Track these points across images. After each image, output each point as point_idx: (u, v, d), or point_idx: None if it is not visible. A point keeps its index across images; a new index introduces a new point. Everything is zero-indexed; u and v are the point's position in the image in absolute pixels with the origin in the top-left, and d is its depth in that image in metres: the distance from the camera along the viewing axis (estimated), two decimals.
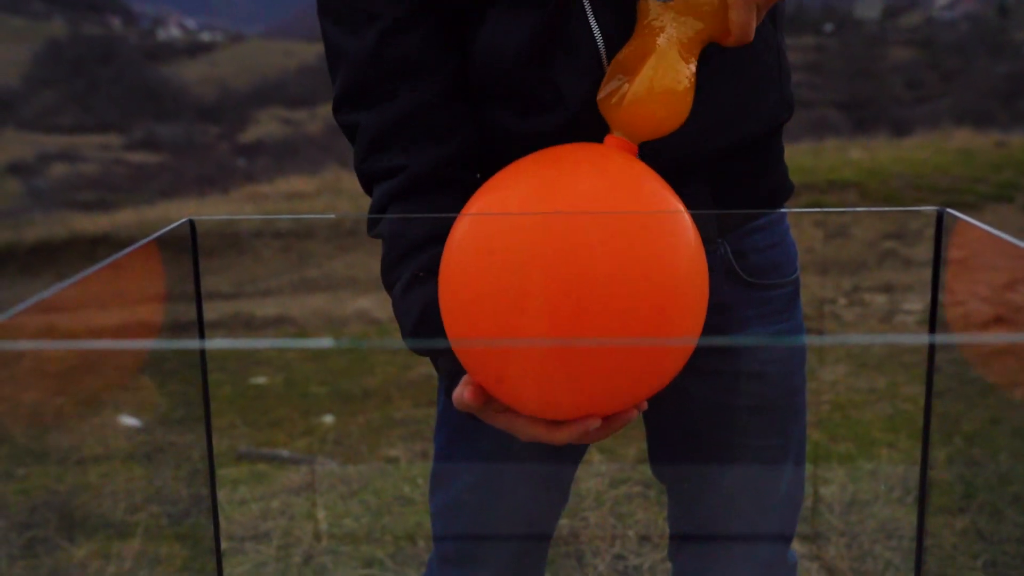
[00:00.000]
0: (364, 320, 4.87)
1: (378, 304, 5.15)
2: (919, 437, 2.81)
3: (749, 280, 0.95)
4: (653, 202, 0.73)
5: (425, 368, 3.40)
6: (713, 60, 0.83)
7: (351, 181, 9.46)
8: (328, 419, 3.00)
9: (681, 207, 0.74)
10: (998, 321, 3.95)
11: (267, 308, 5.22)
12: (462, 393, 0.74)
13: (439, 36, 0.87)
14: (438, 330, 0.76)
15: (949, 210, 0.65)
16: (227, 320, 4.85)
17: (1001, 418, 2.72)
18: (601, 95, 0.81)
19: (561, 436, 0.72)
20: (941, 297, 0.92)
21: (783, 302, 0.98)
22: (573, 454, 1.05)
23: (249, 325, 4.71)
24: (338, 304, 5.37)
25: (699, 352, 0.78)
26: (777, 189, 0.97)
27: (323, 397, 3.23)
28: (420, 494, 2.33)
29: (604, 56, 0.84)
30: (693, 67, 0.79)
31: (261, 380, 3.37)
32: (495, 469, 0.95)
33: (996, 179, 6.83)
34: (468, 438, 1.00)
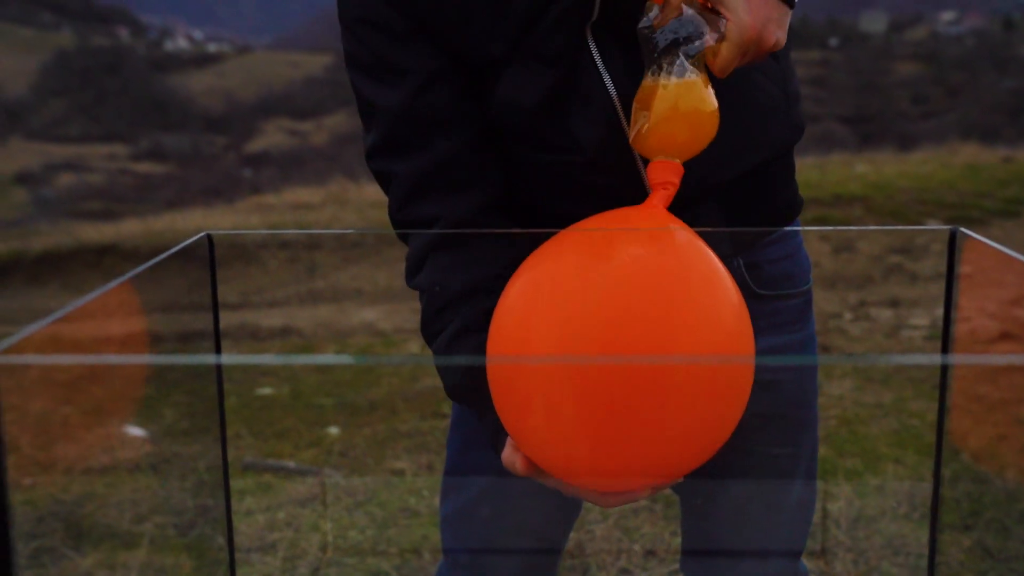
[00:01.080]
0: (370, 332, 4.87)
1: (384, 315, 5.17)
2: (926, 453, 2.82)
3: (760, 292, 0.96)
4: (697, 272, 0.75)
5: (431, 380, 3.41)
6: (719, 96, 0.84)
7: (357, 192, 9.48)
8: (334, 431, 3.00)
9: (728, 281, 0.76)
10: (1005, 337, 3.94)
11: (273, 319, 5.23)
12: (513, 463, 0.78)
13: (467, 88, 0.90)
14: (483, 386, 0.78)
15: (963, 229, 0.65)
16: (233, 331, 4.86)
17: (1008, 435, 2.72)
18: (631, 136, 0.82)
19: (611, 502, 0.78)
20: (953, 314, 0.92)
21: (794, 313, 0.99)
22: None
23: (255, 336, 4.72)
24: (344, 315, 5.38)
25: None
26: (788, 205, 0.99)
27: (329, 409, 3.23)
28: (426, 506, 2.33)
29: (618, 103, 0.86)
30: (707, 83, 0.80)
31: (267, 391, 3.37)
32: (507, 479, 0.95)
33: (1002, 194, 6.83)
34: (480, 449, 1.00)
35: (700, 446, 0.75)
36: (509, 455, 0.78)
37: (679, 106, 0.78)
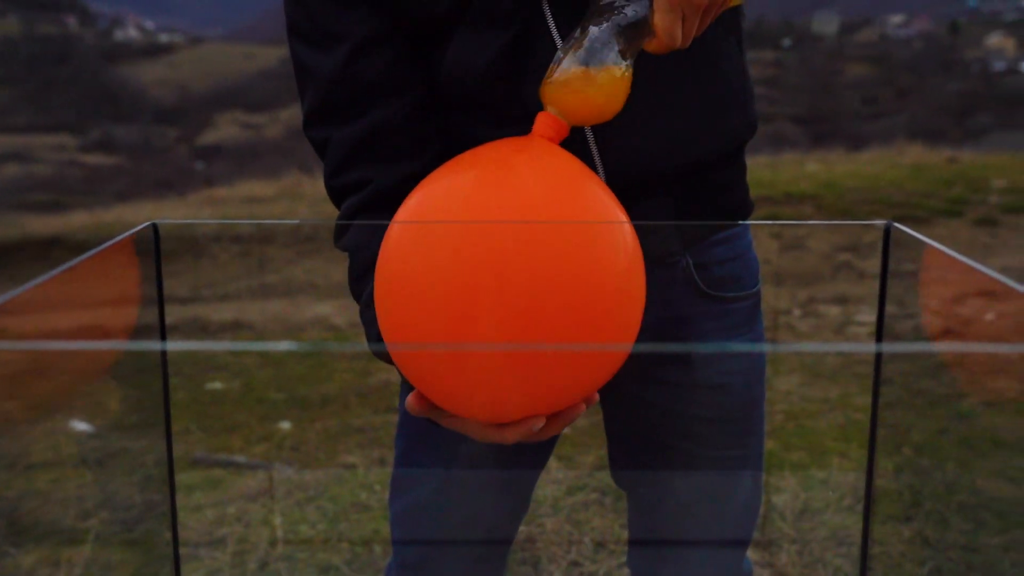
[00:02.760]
0: (323, 326, 4.84)
1: (337, 310, 5.13)
2: (866, 445, 2.87)
3: (710, 293, 0.97)
4: (591, 203, 0.74)
5: (384, 375, 3.40)
6: (678, 78, 0.85)
7: (311, 186, 9.40)
8: (285, 425, 2.98)
9: (620, 212, 0.75)
10: (947, 334, 4.03)
11: (224, 313, 5.17)
12: (410, 403, 0.75)
13: (407, 55, 0.89)
14: None
15: (896, 224, 0.67)
16: (183, 325, 4.80)
17: (948, 428, 2.78)
18: (546, 78, 0.81)
19: (509, 436, 0.73)
20: (890, 308, 0.95)
21: (744, 315, 1.00)
22: (534, 459, 1.06)
23: (206, 330, 4.67)
24: (296, 310, 5.34)
25: (660, 363, 0.80)
26: (739, 206, 1.00)
27: (280, 403, 3.21)
28: (377, 501, 2.33)
29: None
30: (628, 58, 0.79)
31: (217, 385, 3.34)
32: (455, 475, 0.96)
33: (947, 194, 6.97)
34: (428, 444, 1.01)
35: (592, 369, 0.74)
36: (409, 397, 0.76)
37: (591, 88, 0.78)
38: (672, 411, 0.98)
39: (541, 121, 0.80)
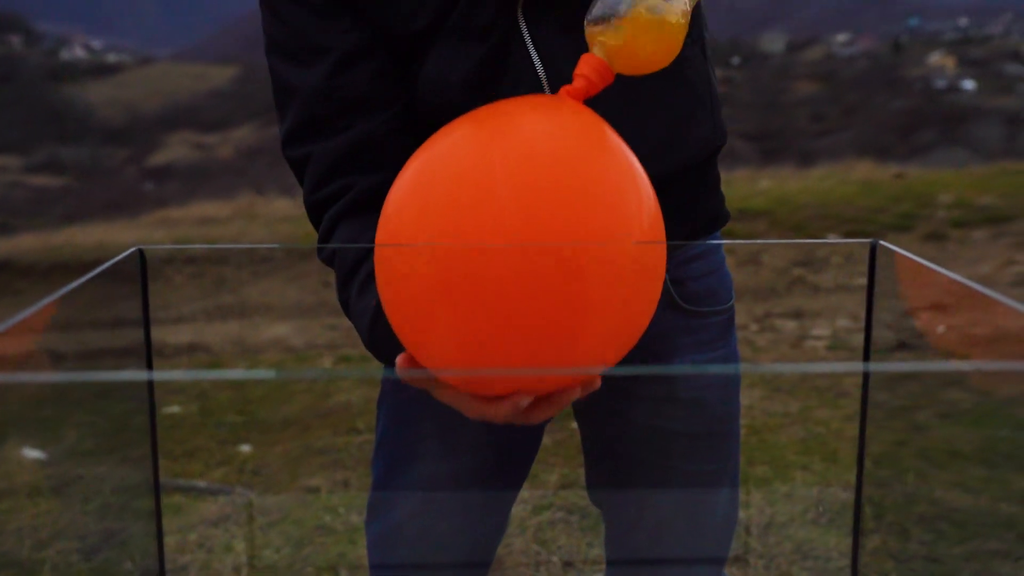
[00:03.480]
0: (280, 348, 4.80)
1: (295, 331, 5.08)
2: (832, 459, 2.90)
3: (686, 307, 0.97)
4: (606, 154, 0.71)
5: (344, 396, 3.37)
6: (647, 87, 0.86)
7: (265, 206, 9.33)
8: (245, 448, 2.94)
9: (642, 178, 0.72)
10: (901, 347, 4.09)
11: (180, 335, 5.10)
12: (399, 366, 0.73)
13: (389, 70, 0.89)
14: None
15: (882, 242, 0.68)
16: (137, 348, 4.72)
17: (905, 440, 2.82)
18: (591, 15, 0.77)
19: (497, 412, 0.71)
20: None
21: (719, 330, 1.00)
22: (513, 478, 1.05)
23: (161, 353, 4.60)
24: (253, 331, 5.29)
25: (638, 378, 0.80)
26: (715, 216, 1.00)
27: (239, 426, 3.17)
28: (342, 523, 2.31)
29: (546, 83, 0.86)
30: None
31: (175, 409, 3.28)
32: (434, 496, 0.95)
33: (896, 210, 7.10)
34: (408, 466, 1.00)
35: (587, 349, 0.70)
36: (398, 360, 0.74)
37: (664, 29, 0.75)
38: (651, 426, 0.98)
39: (587, 63, 0.76)
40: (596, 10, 0.77)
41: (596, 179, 0.69)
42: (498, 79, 0.87)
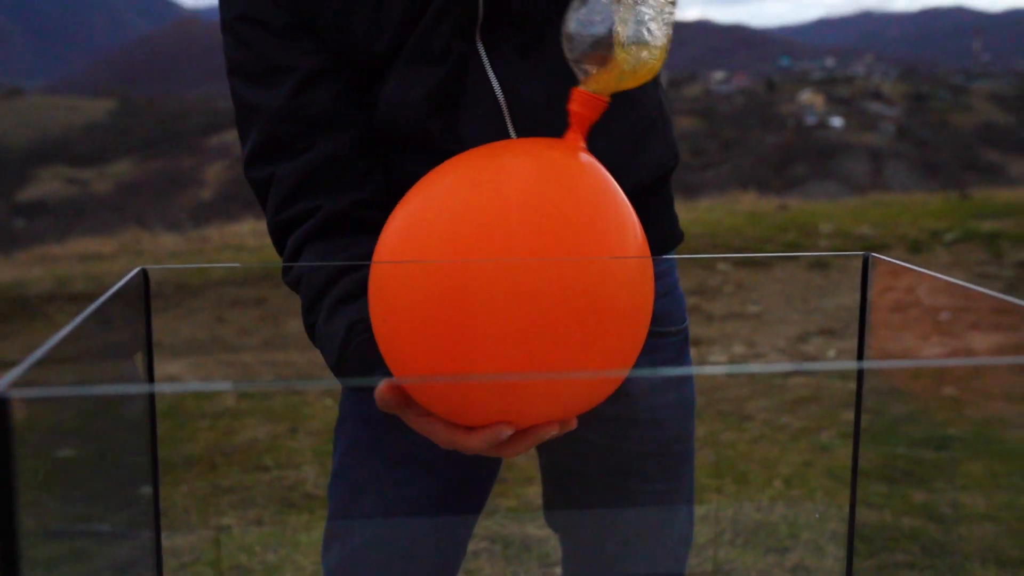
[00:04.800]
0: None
1: (190, 368, 4.93)
2: (742, 481, 2.95)
3: None
4: (596, 205, 0.71)
5: (250, 432, 3.28)
6: None
7: (152, 241, 9.06)
8: (148, 490, 2.83)
9: (632, 220, 0.73)
10: (794, 374, 4.23)
11: (65, 376, 4.88)
12: (382, 391, 0.72)
13: (351, 91, 0.89)
14: (366, 346, 0.74)
15: (874, 254, 0.71)
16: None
17: (811, 460, 2.91)
18: (575, 49, 0.77)
19: (473, 443, 0.70)
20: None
21: (674, 350, 1.02)
22: (474, 502, 1.04)
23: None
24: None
25: None
26: (669, 236, 1.02)
27: (140, 467, 3.04)
28: (259, 563, 2.23)
29: (505, 108, 0.87)
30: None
31: (69, 452, 3.14)
32: (392, 524, 0.93)
33: (782, 239, 7.36)
34: (366, 492, 0.98)
35: (572, 390, 0.71)
36: (379, 389, 0.72)
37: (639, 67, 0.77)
38: (612, 447, 0.99)
39: (577, 100, 0.77)
40: (578, 44, 0.78)
41: (589, 220, 0.70)
42: (457, 101, 0.88)
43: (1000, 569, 2.32)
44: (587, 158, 0.76)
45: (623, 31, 0.75)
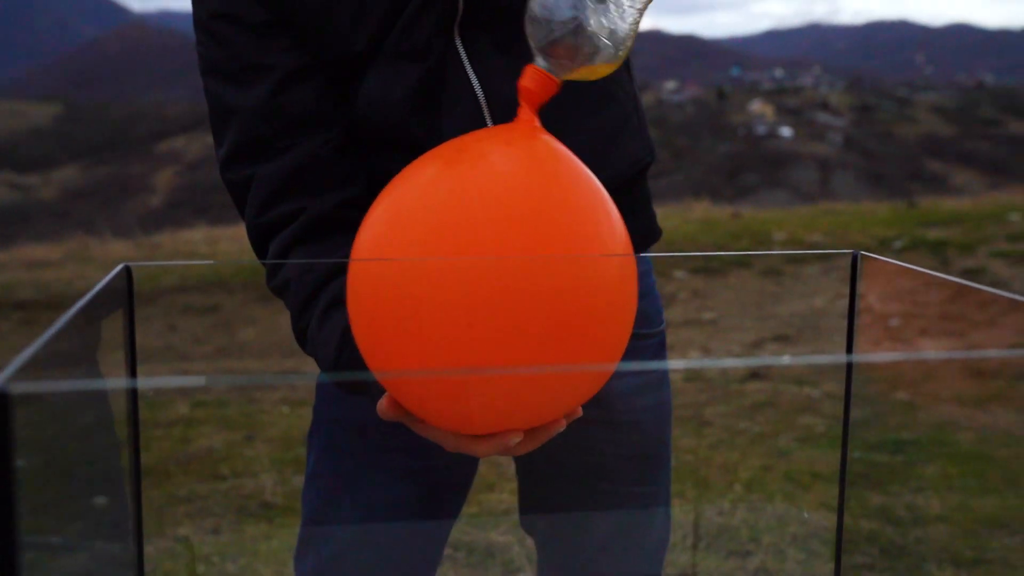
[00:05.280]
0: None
1: (140, 377, 4.84)
2: (702, 485, 2.96)
3: None
4: (573, 191, 0.71)
5: (205, 441, 3.23)
6: (575, 105, 0.86)
7: (100, 248, 8.88)
8: (101, 500, 2.77)
9: (609, 208, 0.72)
10: (753, 377, 4.27)
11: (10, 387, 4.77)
12: (383, 407, 0.71)
13: (331, 89, 0.87)
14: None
15: (863, 252, 0.71)
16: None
17: (770, 465, 2.93)
18: (541, 39, 0.76)
19: (482, 449, 0.70)
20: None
21: (652, 352, 1.01)
22: (451, 506, 1.03)
23: None
24: None
25: None
26: (647, 232, 1.02)
27: (91, 478, 2.98)
28: (217, 573, 2.20)
29: (484, 103, 0.86)
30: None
31: (19, 463, 3.06)
32: (368, 530, 0.91)
33: (736, 246, 7.45)
34: (343, 498, 0.96)
35: (573, 385, 0.70)
36: (380, 402, 0.72)
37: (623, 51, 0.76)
38: (591, 449, 0.98)
39: (529, 77, 0.76)
40: (542, 29, 0.76)
41: (568, 206, 0.69)
42: (437, 98, 0.87)
43: (956, 569, 2.35)
44: (558, 146, 0.75)
45: (590, 18, 0.74)
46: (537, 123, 0.76)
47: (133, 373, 0.70)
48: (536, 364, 0.65)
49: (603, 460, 0.99)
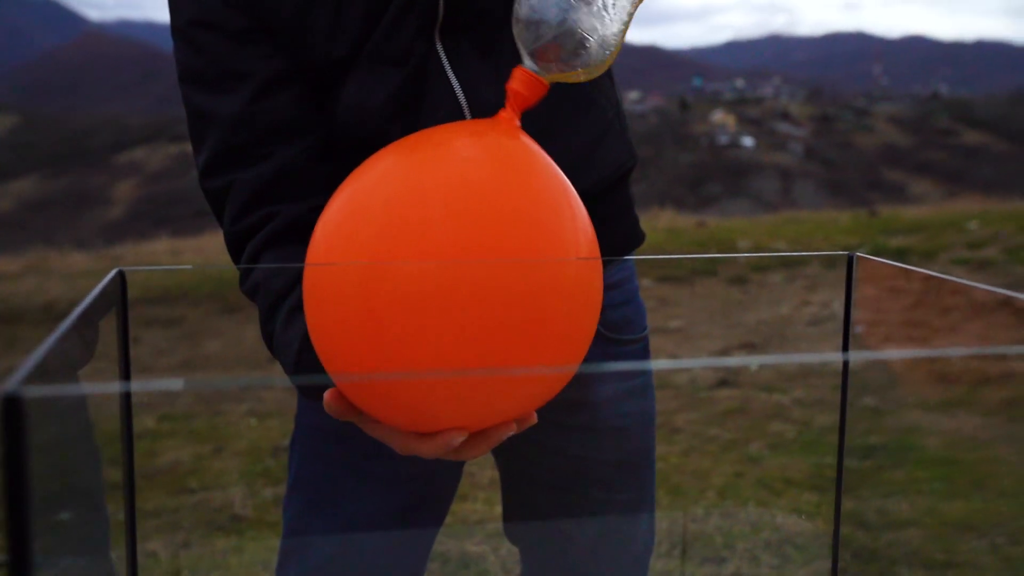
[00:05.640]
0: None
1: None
2: (675, 492, 2.96)
3: (606, 335, 0.97)
4: (540, 188, 0.69)
5: (173, 455, 3.18)
6: (556, 108, 0.86)
7: (60, 260, 8.76)
8: (65, 516, 2.71)
9: (574, 204, 0.71)
10: (721, 384, 4.29)
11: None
12: (327, 400, 0.69)
13: (309, 97, 0.86)
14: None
15: (859, 253, 0.71)
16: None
17: (742, 472, 2.95)
18: (531, 42, 0.75)
19: (428, 448, 0.68)
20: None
21: (636, 358, 1.01)
22: (436, 514, 1.01)
23: None
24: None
25: (561, 407, 0.78)
26: (630, 237, 1.01)
27: (55, 493, 2.92)
28: None
29: (465, 106, 0.85)
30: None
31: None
32: (351, 540, 0.90)
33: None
34: (324, 508, 0.94)
35: (524, 388, 0.68)
36: (326, 397, 0.70)
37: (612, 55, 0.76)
38: (577, 456, 0.97)
39: (518, 79, 0.75)
40: (529, 31, 0.75)
41: (532, 202, 0.68)
42: (418, 104, 0.86)
43: (928, 572, 2.37)
44: (528, 140, 0.73)
45: (579, 20, 0.74)
46: (516, 122, 0.75)
47: (127, 378, 0.68)
48: (489, 365, 0.64)
49: (588, 467, 0.98)
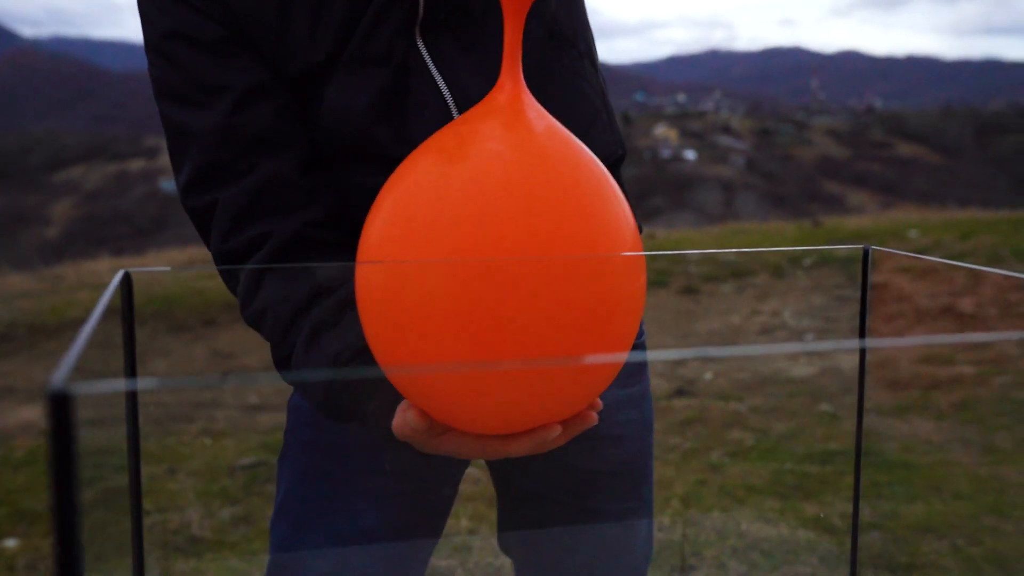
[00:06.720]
0: (33, 432, 4.35)
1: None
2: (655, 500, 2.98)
3: None
4: (577, 179, 0.68)
5: (124, 475, 3.10)
6: (543, 100, 0.84)
7: (20, 282, 8.53)
8: (11, 544, 2.62)
9: (615, 189, 0.70)
10: (678, 394, 4.31)
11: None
12: (405, 419, 0.67)
13: (291, 106, 0.84)
14: (355, 384, 0.69)
15: (874, 247, 0.71)
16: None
17: (705, 479, 2.95)
18: None
19: (518, 448, 0.67)
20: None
21: (633, 364, 1.00)
22: (433, 527, 0.99)
23: None
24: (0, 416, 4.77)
25: None
26: None
27: (3, 519, 2.82)
28: None
29: (452, 103, 0.84)
30: None
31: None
32: (346, 556, 0.87)
33: (652, 266, 7.51)
34: (317, 525, 0.91)
35: (602, 368, 0.68)
36: (399, 419, 0.68)
37: None
38: (574, 465, 0.95)
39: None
40: None
41: (582, 190, 0.67)
42: (403, 103, 0.84)
43: (892, 574, 2.39)
44: (554, 124, 0.72)
45: None
46: (523, 91, 0.72)
47: (133, 371, 0.65)
48: (563, 355, 0.63)
49: (587, 476, 0.96)
